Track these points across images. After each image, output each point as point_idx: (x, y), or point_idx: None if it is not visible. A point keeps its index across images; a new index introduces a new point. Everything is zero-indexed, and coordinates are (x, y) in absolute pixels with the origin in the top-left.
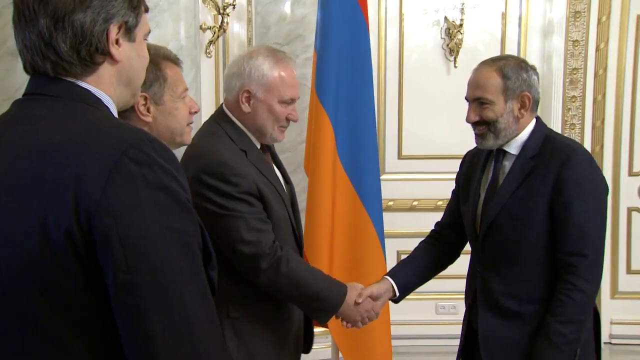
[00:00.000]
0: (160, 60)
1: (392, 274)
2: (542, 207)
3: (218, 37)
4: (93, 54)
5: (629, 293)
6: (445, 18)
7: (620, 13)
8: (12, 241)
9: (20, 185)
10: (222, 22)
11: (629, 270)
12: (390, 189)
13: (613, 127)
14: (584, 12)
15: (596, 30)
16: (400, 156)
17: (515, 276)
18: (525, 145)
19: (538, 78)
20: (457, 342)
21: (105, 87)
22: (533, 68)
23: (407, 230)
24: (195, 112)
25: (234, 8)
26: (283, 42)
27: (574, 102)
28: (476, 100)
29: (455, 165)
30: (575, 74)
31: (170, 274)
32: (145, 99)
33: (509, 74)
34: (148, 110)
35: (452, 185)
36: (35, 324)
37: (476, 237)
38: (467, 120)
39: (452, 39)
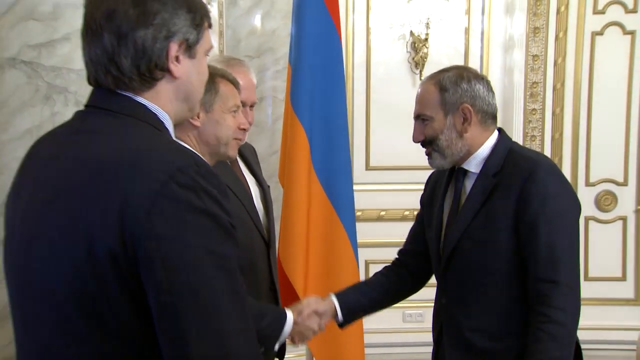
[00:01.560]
0: (217, 76)
1: (339, 294)
2: (506, 229)
3: None
4: (152, 70)
5: (587, 299)
6: (411, 32)
7: (576, 30)
8: (58, 252)
9: (70, 198)
10: None
11: (587, 278)
12: (358, 199)
13: (571, 139)
14: (543, 28)
15: (554, 46)
16: (368, 167)
17: (481, 308)
18: (486, 162)
19: (487, 88)
20: (423, 349)
21: (163, 102)
22: (479, 77)
23: (375, 240)
24: (245, 129)
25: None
26: (254, 55)
27: (534, 114)
28: (418, 117)
29: (423, 175)
30: (535, 88)
31: (211, 297)
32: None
33: (446, 85)
34: (198, 115)
35: (415, 196)
36: (71, 334)
37: (439, 265)
38: (413, 140)
39: (417, 52)
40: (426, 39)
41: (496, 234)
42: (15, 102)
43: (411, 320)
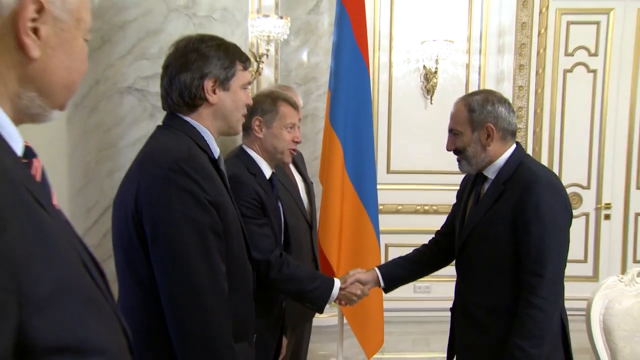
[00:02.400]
0: (279, 99)
1: (381, 266)
2: (505, 228)
3: (254, 78)
4: (194, 99)
5: None
6: (424, 66)
7: (552, 67)
8: (116, 215)
9: (126, 179)
10: (258, 67)
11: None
12: (380, 196)
13: (547, 151)
14: (526, 65)
15: (535, 79)
16: (389, 171)
17: (482, 288)
18: (500, 171)
19: (508, 109)
20: (429, 313)
21: (203, 120)
22: (502, 101)
23: (393, 228)
24: (298, 142)
25: (267, 57)
26: (301, 82)
27: (519, 132)
28: (450, 131)
29: (431, 178)
30: (520, 112)
31: (182, 249)
32: (260, 121)
33: (474, 107)
34: (260, 129)
35: (430, 193)
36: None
37: (456, 248)
38: (447, 149)
39: (428, 82)
40: (435, 72)
41: (497, 232)
42: (130, 119)
43: (420, 291)
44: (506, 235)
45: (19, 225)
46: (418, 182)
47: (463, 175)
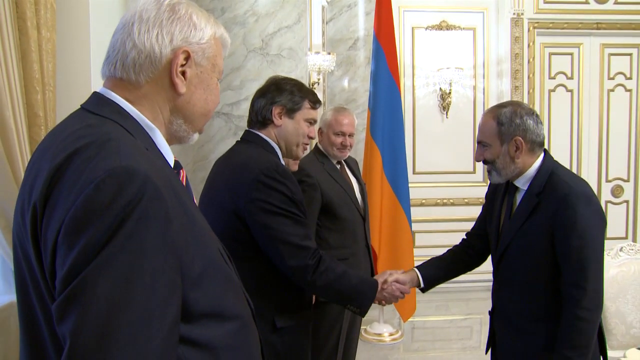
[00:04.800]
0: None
1: (420, 266)
2: (543, 241)
3: None
4: (265, 119)
5: None
6: (440, 88)
7: (540, 88)
8: (216, 212)
9: (220, 182)
10: None
11: None
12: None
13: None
14: (520, 86)
15: (527, 98)
16: (414, 172)
17: (524, 298)
18: (532, 182)
19: (536, 121)
20: (448, 285)
21: (271, 136)
22: (530, 113)
23: (420, 218)
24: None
25: (318, 84)
26: (344, 104)
27: None
28: (480, 142)
29: (448, 177)
30: None
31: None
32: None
33: (503, 120)
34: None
35: (448, 189)
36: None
37: (495, 258)
38: (476, 160)
39: (444, 100)
40: (449, 93)
41: (534, 244)
42: (218, 137)
43: None
44: (544, 248)
45: (179, 220)
46: (438, 180)
47: (476, 173)
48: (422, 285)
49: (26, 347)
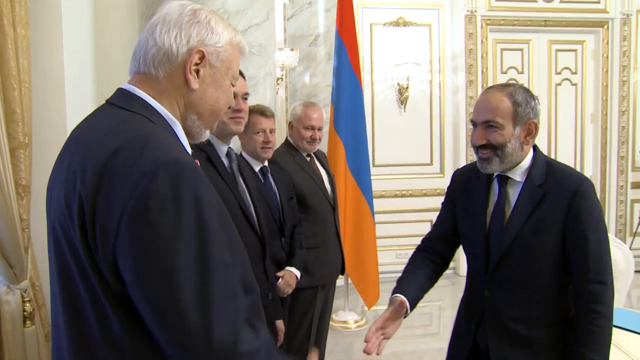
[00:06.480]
0: (251, 112)
1: (406, 295)
2: (554, 236)
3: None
4: None
5: None
6: (398, 83)
7: (493, 82)
8: None
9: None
10: (277, 89)
11: None
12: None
13: None
14: (474, 80)
15: (481, 91)
16: (374, 164)
17: (524, 301)
18: (530, 173)
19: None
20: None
21: None
22: (536, 98)
23: (379, 209)
24: (267, 142)
25: (282, 80)
26: (305, 99)
27: (468, 132)
28: (485, 123)
29: (405, 170)
30: (471, 115)
31: None
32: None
33: (519, 100)
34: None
35: (406, 182)
36: None
37: (486, 263)
38: (473, 143)
39: (402, 95)
40: (407, 87)
41: (544, 240)
42: None
43: (401, 257)
44: (553, 243)
45: (210, 199)
46: (397, 172)
47: (433, 165)
48: (408, 312)
49: (68, 329)
